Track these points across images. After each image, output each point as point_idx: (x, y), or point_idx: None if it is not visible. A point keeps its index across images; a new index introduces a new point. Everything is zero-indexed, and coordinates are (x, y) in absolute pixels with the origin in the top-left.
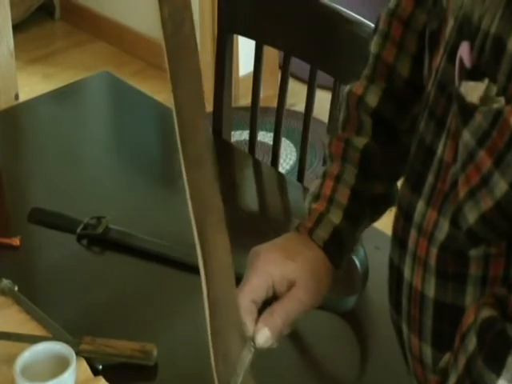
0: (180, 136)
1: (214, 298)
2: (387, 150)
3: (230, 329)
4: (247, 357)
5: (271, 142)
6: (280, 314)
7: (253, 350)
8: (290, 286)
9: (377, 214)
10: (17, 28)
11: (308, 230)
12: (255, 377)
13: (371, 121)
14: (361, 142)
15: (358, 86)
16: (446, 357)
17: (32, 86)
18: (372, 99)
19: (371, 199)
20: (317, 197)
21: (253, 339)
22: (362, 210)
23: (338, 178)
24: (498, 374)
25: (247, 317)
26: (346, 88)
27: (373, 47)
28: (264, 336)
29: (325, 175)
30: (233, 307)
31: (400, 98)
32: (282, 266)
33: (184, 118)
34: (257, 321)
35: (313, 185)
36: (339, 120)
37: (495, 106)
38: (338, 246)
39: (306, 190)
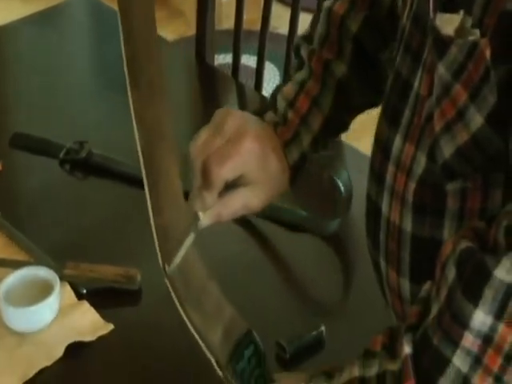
0: (130, 64)
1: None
2: (365, 79)
3: (173, 207)
4: (191, 235)
5: (255, 66)
6: (226, 209)
7: (198, 229)
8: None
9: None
10: None
11: (284, 142)
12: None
13: (351, 47)
14: (340, 69)
15: (339, 5)
16: (427, 286)
17: (10, 11)
18: (354, 24)
19: (338, 127)
20: (291, 105)
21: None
22: (329, 138)
23: (315, 100)
24: (476, 305)
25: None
26: (326, 3)
27: None
28: (208, 219)
29: (302, 86)
30: (174, 185)
31: (381, 27)
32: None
33: (136, 44)
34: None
35: (287, 87)
36: (316, 33)
37: (470, 38)
38: (301, 168)
39: None
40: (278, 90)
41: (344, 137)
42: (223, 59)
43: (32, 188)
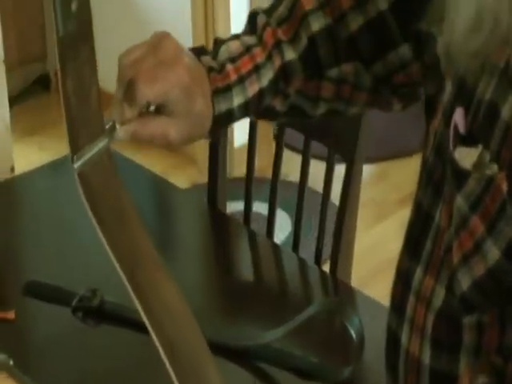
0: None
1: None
2: (307, 85)
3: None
4: (104, 139)
5: (266, 213)
6: (144, 129)
7: (113, 137)
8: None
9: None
10: (13, 100)
11: (215, 89)
12: None
13: (306, 43)
14: (289, 54)
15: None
16: None
17: (28, 157)
18: (315, 23)
19: (270, 108)
20: (232, 60)
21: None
22: (258, 108)
23: (256, 68)
24: None
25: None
26: None
27: None
28: (124, 132)
29: (249, 49)
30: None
31: (338, 46)
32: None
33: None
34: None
35: (233, 43)
36: (277, 12)
37: (488, 172)
38: (226, 121)
39: (301, 260)
40: (222, 41)
41: (354, 283)
42: (235, 206)
43: (45, 336)
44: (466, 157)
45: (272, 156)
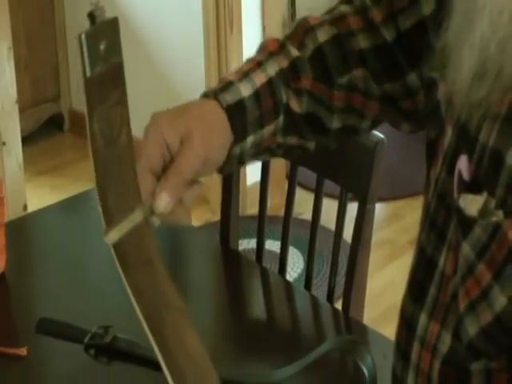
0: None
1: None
2: (317, 85)
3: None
4: (138, 216)
5: (279, 251)
6: (175, 173)
7: (151, 214)
8: (183, 140)
9: (284, 132)
10: (26, 140)
11: (213, 92)
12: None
13: (313, 50)
14: (295, 52)
15: (313, 18)
16: None
17: (40, 197)
18: (322, 34)
19: (284, 106)
20: (232, 72)
21: (152, 208)
22: (272, 104)
23: (259, 64)
24: None
25: (144, 189)
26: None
27: None
28: (162, 200)
29: (248, 60)
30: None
31: (347, 54)
32: (172, 121)
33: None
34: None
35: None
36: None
37: (494, 219)
38: (240, 114)
39: (313, 298)
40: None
41: (368, 321)
42: (247, 244)
43: (56, 373)
44: (471, 204)
45: (284, 195)
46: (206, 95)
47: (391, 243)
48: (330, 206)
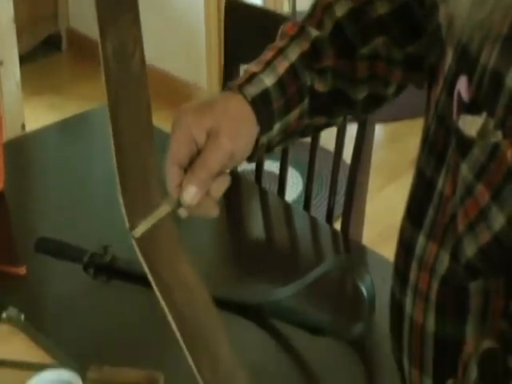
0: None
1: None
2: (339, 62)
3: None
4: (165, 209)
5: (278, 171)
6: (202, 167)
7: (178, 206)
8: (210, 135)
9: (311, 113)
10: (24, 59)
11: (238, 85)
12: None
13: (332, 27)
14: (315, 33)
15: None
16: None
17: (38, 116)
18: (340, 9)
19: (308, 89)
20: (254, 63)
21: (179, 200)
22: (296, 88)
23: (280, 50)
24: None
25: (171, 182)
26: None
27: None
28: (189, 193)
29: (269, 48)
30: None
31: (366, 24)
32: (199, 116)
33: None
34: None
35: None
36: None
37: (492, 140)
38: (265, 104)
39: (312, 219)
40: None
41: (367, 242)
42: (246, 165)
43: (55, 292)
44: (470, 125)
45: None
46: (230, 88)
47: (390, 165)
48: (330, 129)
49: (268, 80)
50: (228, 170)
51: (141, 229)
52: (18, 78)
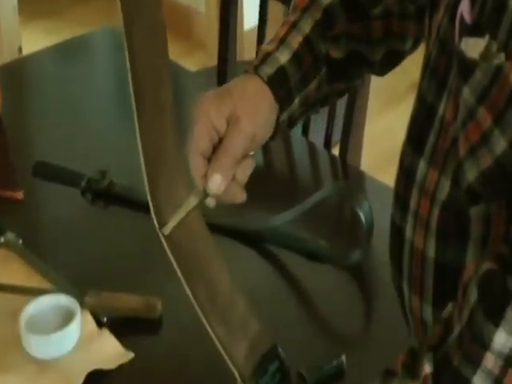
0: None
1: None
2: (352, 26)
3: (173, 180)
4: (193, 201)
5: None
6: (225, 154)
7: (205, 197)
8: (230, 121)
9: (329, 81)
10: None
11: (254, 67)
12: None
13: None
14: (326, 0)
15: None
16: (449, 307)
17: (35, 41)
18: None
19: (324, 58)
20: (269, 41)
21: (205, 190)
22: (312, 60)
23: (293, 24)
24: (497, 325)
25: (196, 173)
26: None
27: None
28: (215, 182)
29: (283, 24)
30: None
31: None
32: (217, 104)
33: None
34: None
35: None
36: None
37: (495, 61)
38: (282, 82)
39: (310, 144)
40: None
41: (366, 168)
42: None
43: (53, 217)
44: (472, 47)
45: None
46: (247, 71)
47: (390, 89)
48: None
49: (283, 57)
50: (252, 153)
51: (170, 225)
52: (15, 1)
